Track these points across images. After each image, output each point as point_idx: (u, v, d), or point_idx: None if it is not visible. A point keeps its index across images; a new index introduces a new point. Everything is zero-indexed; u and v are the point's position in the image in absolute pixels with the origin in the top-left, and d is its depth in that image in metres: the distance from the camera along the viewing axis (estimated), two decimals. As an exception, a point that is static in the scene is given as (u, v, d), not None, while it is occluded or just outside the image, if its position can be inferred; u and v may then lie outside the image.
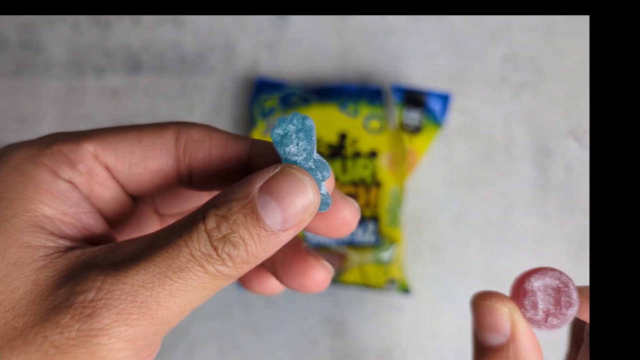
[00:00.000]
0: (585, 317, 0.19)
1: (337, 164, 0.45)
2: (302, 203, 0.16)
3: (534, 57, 0.52)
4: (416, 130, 0.47)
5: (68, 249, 0.15)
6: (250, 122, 0.47)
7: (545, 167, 0.51)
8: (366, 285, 0.47)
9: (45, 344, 0.14)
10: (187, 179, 0.18)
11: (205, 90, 0.50)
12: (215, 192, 0.17)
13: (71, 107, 0.50)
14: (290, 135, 0.17)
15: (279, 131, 0.17)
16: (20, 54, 0.50)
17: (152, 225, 0.20)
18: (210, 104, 0.50)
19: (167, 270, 0.15)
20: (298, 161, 0.17)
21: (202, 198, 0.20)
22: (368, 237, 0.44)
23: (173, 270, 0.15)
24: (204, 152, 0.17)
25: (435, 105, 0.47)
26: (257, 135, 0.47)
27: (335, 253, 0.45)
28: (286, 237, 0.16)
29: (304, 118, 0.18)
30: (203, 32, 0.51)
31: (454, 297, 0.49)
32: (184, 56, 0.51)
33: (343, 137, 0.45)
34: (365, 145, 0.45)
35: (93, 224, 0.16)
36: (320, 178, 0.17)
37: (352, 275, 0.46)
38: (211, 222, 0.15)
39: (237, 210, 0.15)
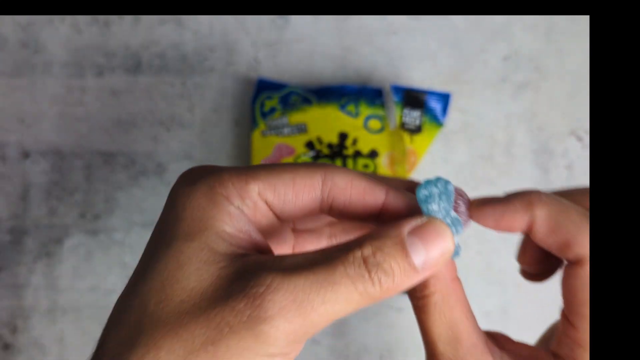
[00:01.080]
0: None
1: (338, 163, 0.45)
2: (442, 249, 0.20)
3: (535, 56, 0.52)
4: (417, 129, 0.46)
5: (243, 256, 0.20)
6: (252, 122, 0.47)
7: (546, 167, 0.51)
8: None
9: (222, 323, 0.18)
10: (327, 211, 0.22)
11: (205, 90, 0.50)
12: (348, 219, 0.23)
13: (71, 107, 0.50)
14: (434, 196, 0.21)
15: (425, 192, 0.21)
16: (19, 53, 0.50)
17: (289, 238, 0.25)
18: (210, 104, 0.50)
19: (323, 281, 0.18)
20: (435, 215, 0.21)
21: (330, 217, 0.24)
22: None
23: (328, 282, 0.19)
24: (345, 197, 0.22)
25: (435, 104, 0.47)
26: (256, 135, 0.47)
27: None
28: (422, 277, 0.20)
29: (447, 183, 0.21)
30: (203, 32, 0.51)
31: (454, 297, 0.49)
32: (184, 56, 0.51)
33: (343, 137, 0.45)
34: (365, 145, 0.45)
35: (259, 239, 0.21)
36: (455, 232, 0.21)
37: None
38: (367, 250, 0.19)
39: (390, 245, 0.19)
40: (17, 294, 0.48)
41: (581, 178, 0.51)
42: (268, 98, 0.48)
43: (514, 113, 0.51)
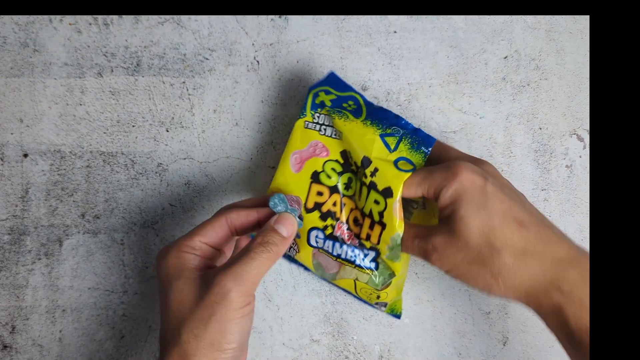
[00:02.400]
0: None
1: (354, 186, 0.43)
2: (291, 223, 0.39)
3: (535, 56, 0.52)
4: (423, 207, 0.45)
5: (204, 272, 0.37)
6: (301, 109, 0.45)
7: (546, 167, 0.51)
8: (358, 297, 0.47)
9: (209, 306, 0.34)
10: (234, 233, 0.40)
11: (205, 90, 0.50)
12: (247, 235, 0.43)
13: (70, 106, 0.50)
14: (277, 204, 0.39)
15: (271, 203, 0.39)
16: (19, 53, 0.50)
17: (231, 244, 0.43)
18: (210, 103, 0.50)
19: (247, 260, 0.36)
20: (283, 211, 0.40)
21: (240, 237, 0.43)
22: (367, 263, 0.43)
23: (249, 258, 0.36)
24: (239, 224, 0.40)
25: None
26: (299, 124, 0.44)
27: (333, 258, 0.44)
28: (289, 240, 0.38)
29: (280, 195, 0.40)
30: (203, 32, 0.51)
31: (454, 297, 0.49)
32: (184, 56, 0.51)
33: (364, 163, 0.42)
34: (384, 181, 0.40)
35: (209, 263, 0.39)
36: (295, 215, 0.39)
37: (347, 283, 0.45)
38: (260, 238, 0.37)
39: (269, 230, 0.38)
40: (17, 294, 0.48)
41: (580, 178, 0.51)
42: (326, 92, 0.45)
43: (514, 113, 0.51)
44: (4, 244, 0.48)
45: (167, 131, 0.50)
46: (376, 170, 0.41)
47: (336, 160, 0.44)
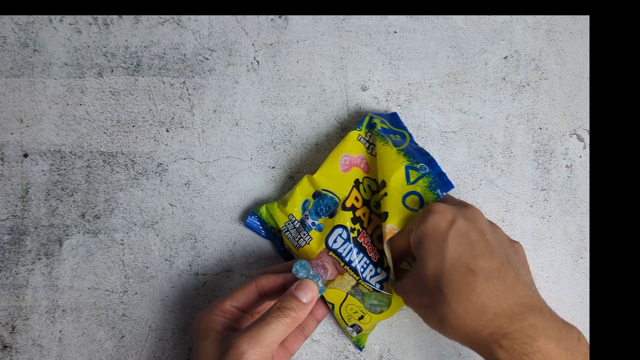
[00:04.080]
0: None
1: (376, 196, 0.45)
2: (311, 290, 0.39)
3: (535, 56, 0.52)
4: None
5: (230, 333, 0.39)
6: (359, 123, 0.47)
7: (546, 167, 0.51)
8: (334, 315, 0.47)
9: None
10: (263, 296, 0.42)
11: (205, 90, 0.50)
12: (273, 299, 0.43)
13: (71, 107, 0.50)
14: (299, 270, 0.41)
15: (294, 269, 0.41)
16: (19, 53, 0.50)
17: (260, 305, 0.43)
18: (210, 103, 0.50)
19: (264, 325, 0.37)
20: (305, 277, 0.41)
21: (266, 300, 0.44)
22: (374, 282, 0.44)
23: (266, 323, 0.37)
24: (267, 288, 0.42)
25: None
26: (352, 135, 0.46)
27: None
28: (309, 306, 0.39)
29: (302, 261, 0.41)
30: (203, 32, 0.51)
31: (454, 298, 0.49)
32: (184, 56, 0.51)
33: (380, 185, 0.44)
34: (387, 205, 0.42)
35: (237, 325, 0.42)
36: (317, 281, 0.40)
37: (336, 295, 0.46)
38: (278, 303, 0.39)
39: (288, 296, 0.39)
40: (17, 294, 0.48)
41: (580, 178, 0.51)
42: (382, 121, 0.47)
43: (514, 113, 0.51)
44: (4, 244, 0.48)
45: (167, 131, 0.50)
46: (385, 194, 0.43)
47: (374, 180, 0.46)
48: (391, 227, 0.41)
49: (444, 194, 0.42)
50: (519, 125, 0.51)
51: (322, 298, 0.46)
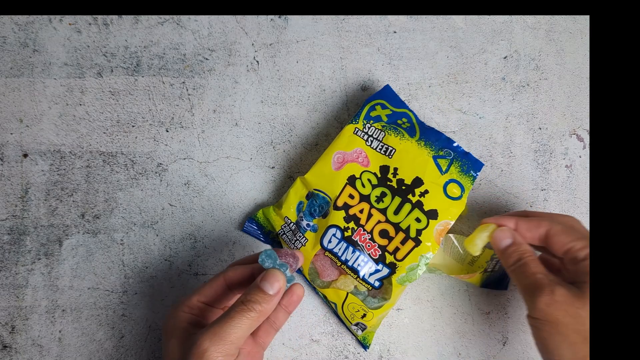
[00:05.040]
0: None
1: (397, 201, 0.44)
2: (277, 281, 0.38)
3: (535, 56, 0.52)
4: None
5: (196, 330, 0.37)
6: (354, 116, 0.47)
7: (546, 167, 0.51)
8: (337, 315, 0.47)
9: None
10: (230, 288, 0.41)
11: (205, 90, 0.50)
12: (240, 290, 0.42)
13: (70, 106, 0.50)
14: (264, 259, 0.38)
15: (260, 260, 0.38)
16: (18, 53, 0.50)
17: (226, 299, 0.42)
18: (210, 104, 0.50)
19: (228, 319, 0.36)
20: (271, 267, 0.38)
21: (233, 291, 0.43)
22: (373, 280, 0.44)
23: (229, 317, 0.36)
24: (234, 280, 0.41)
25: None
26: (348, 128, 0.46)
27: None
28: (276, 298, 0.37)
29: (268, 251, 0.39)
30: (203, 32, 0.51)
31: (453, 297, 0.49)
32: (184, 56, 0.51)
33: (417, 182, 0.44)
34: (432, 202, 0.43)
35: (200, 320, 0.40)
36: (284, 270, 0.38)
37: (337, 295, 0.46)
38: (242, 297, 0.37)
39: (253, 289, 0.37)
40: (16, 294, 0.48)
41: (580, 178, 0.51)
42: (382, 107, 0.47)
43: (513, 113, 0.51)
44: (4, 244, 0.48)
45: (167, 131, 0.50)
46: (427, 192, 0.44)
47: (374, 173, 0.45)
48: (445, 222, 0.43)
49: (478, 174, 0.44)
50: (519, 125, 0.51)
51: (324, 298, 0.46)
